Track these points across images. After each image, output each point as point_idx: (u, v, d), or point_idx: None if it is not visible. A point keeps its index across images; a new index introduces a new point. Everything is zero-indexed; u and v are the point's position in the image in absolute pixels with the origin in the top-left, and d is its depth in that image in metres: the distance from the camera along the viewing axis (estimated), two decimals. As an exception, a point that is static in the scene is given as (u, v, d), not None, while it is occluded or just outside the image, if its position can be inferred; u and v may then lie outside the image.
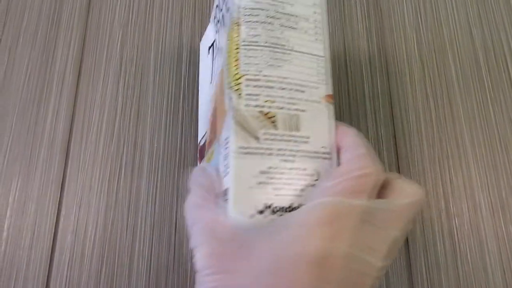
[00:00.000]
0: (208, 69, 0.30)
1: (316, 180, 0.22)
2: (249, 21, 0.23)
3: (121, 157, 0.32)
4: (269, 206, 0.21)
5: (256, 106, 0.22)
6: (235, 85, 0.22)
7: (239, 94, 0.22)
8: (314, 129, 0.22)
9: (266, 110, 0.22)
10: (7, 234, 0.30)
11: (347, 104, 0.34)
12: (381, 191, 0.21)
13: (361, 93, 0.34)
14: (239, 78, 0.22)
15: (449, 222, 0.31)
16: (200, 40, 0.34)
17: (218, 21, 0.28)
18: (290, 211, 0.21)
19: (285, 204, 0.21)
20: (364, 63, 0.35)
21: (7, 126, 0.32)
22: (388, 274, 0.30)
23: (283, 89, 0.22)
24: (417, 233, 0.31)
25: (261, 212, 0.21)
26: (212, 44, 0.29)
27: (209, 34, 0.30)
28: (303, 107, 0.23)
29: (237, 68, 0.22)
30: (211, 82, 0.28)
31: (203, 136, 0.29)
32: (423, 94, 0.35)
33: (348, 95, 0.34)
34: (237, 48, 0.23)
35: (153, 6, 0.36)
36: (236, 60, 0.23)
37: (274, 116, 0.22)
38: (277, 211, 0.21)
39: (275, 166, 0.21)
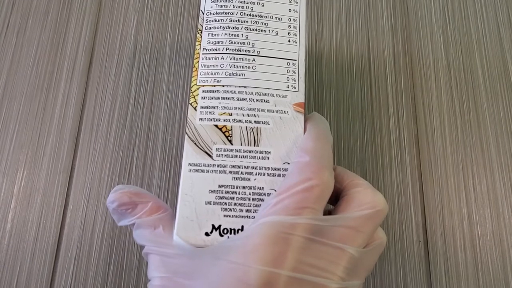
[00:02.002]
0: None
1: None
2: (211, 27, 0.22)
3: (133, 149, 0.30)
4: (217, 228, 0.19)
5: (211, 119, 0.21)
6: (191, 97, 0.21)
7: (194, 107, 0.21)
8: (277, 143, 0.21)
9: (221, 124, 0.21)
10: (11, 225, 0.29)
11: (370, 102, 0.33)
12: (340, 201, 0.20)
13: (384, 91, 0.33)
14: (196, 90, 0.21)
15: (471, 230, 0.30)
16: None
17: None
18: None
19: (235, 226, 0.20)
20: (388, 60, 0.34)
21: (14, 112, 0.31)
22: (407, 283, 0.29)
23: (243, 99, 0.21)
24: (438, 241, 0.30)
25: (207, 234, 0.19)
26: None
27: None
28: (266, 118, 0.21)
29: (195, 79, 0.21)
30: None
31: None
32: (448, 96, 0.33)
33: (371, 92, 0.33)
34: (197, 58, 0.21)
35: (170, -9, 0.34)
36: (195, 70, 0.21)
37: (230, 130, 0.20)
38: (226, 233, 0.19)
39: (227, 185, 0.20)
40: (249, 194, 0.20)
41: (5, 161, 0.30)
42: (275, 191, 0.20)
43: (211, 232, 0.20)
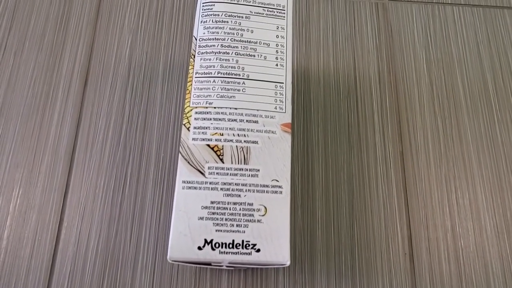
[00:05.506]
0: None
1: (263, 215, 0.21)
2: (204, 52, 0.23)
3: (127, 166, 0.31)
4: (209, 242, 0.21)
5: (204, 139, 0.22)
6: (185, 118, 0.22)
7: (188, 127, 0.22)
8: (265, 162, 0.22)
9: (213, 143, 0.22)
10: (7, 243, 0.29)
11: (356, 119, 0.34)
12: None
13: (370, 109, 0.34)
14: (189, 111, 0.22)
15: (454, 243, 0.31)
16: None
17: None
18: (231, 247, 0.21)
19: (226, 240, 0.21)
20: (373, 79, 0.35)
21: (11, 131, 0.32)
22: (393, 294, 0.30)
23: (234, 120, 0.22)
24: (423, 253, 0.31)
25: (200, 248, 0.20)
26: None
27: None
28: (255, 138, 0.22)
29: (188, 101, 0.22)
30: None
31: None
32: (431, 113, 0.35)
33: (357, 110, 0.34)
34: (190, 81, 0.23)
35: (163, 13, 0.36)
36: (189, 93, 0.23)
37: (221, 149, 0.22)
38: (217, 247, 0.21)
39: (218, 201, 0.21)
40: (240, 209, 0.21)
41: (1, 180, 0.31)
42: (264, 207, 0.21)
43: (204, 246, 0.20)
